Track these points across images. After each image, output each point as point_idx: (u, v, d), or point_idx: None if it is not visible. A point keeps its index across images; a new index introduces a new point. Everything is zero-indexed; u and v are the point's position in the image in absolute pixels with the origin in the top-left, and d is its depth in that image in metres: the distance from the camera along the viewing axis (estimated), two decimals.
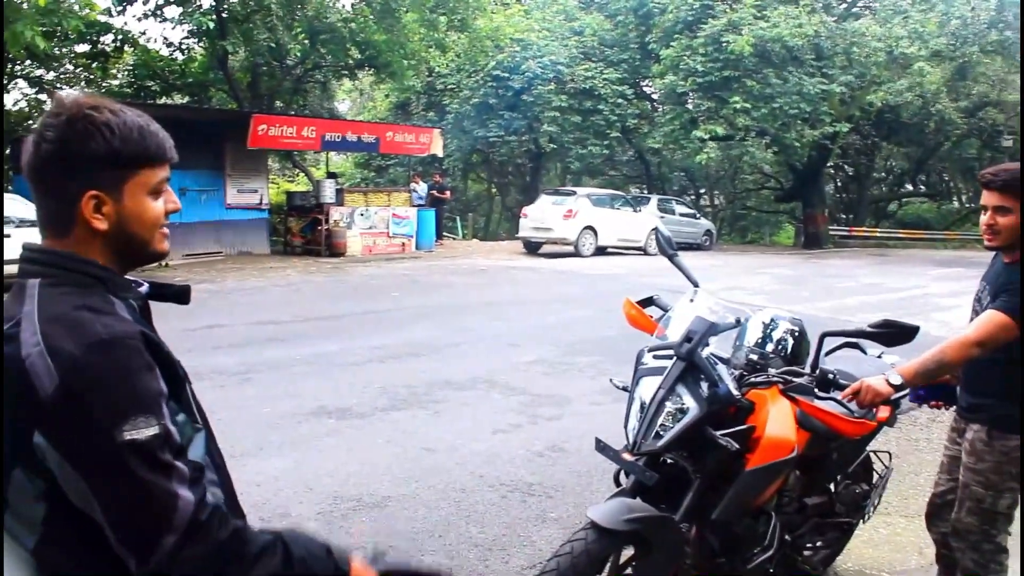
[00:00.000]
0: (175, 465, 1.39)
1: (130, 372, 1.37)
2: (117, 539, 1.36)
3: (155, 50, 25.73)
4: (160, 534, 1.35)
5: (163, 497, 1.36)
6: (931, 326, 10.72)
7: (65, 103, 1.46)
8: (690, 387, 2.91)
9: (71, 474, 1.34)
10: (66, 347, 1.34)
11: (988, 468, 3.28)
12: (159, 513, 1.35)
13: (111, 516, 1.35)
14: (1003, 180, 3.13)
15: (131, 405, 1.35)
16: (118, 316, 1.45)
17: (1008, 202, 3.12)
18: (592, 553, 2.73)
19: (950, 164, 43.88)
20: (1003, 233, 3.16)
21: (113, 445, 1.33)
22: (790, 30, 25.47)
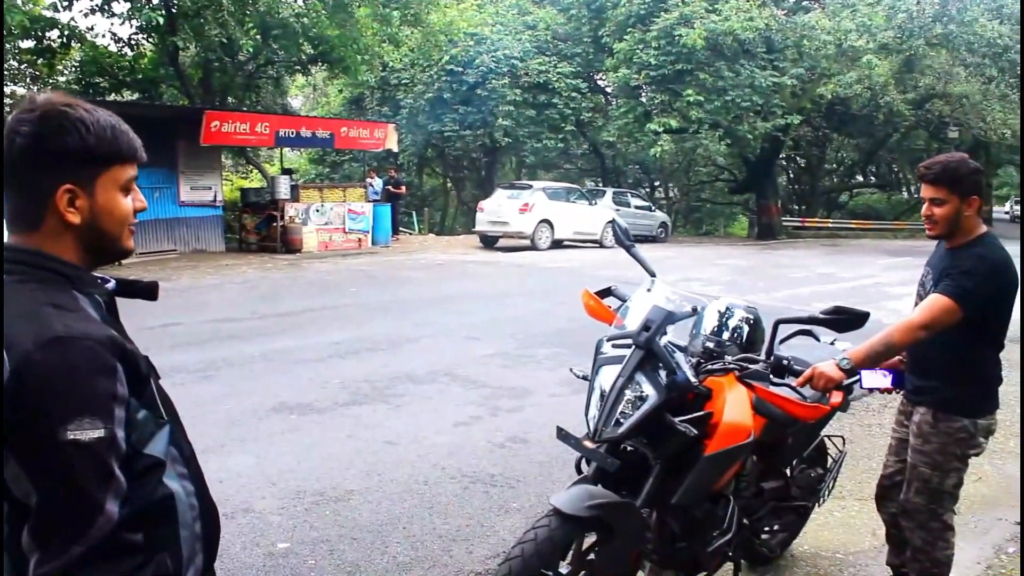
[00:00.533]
0: (114, 474, 1.40)
1: (81, 372, 1.38)
2: (31, 529, 1.36)
3: (103, 46, 25.29)
4: (71, 541, 1.35)
5: (88, 505, 1.36)
6: (882, 314, 10.94)
7: (38, 100, 1.48)
8: (649, 375, 2.96)
9: (14, 468, 1.36)
10: (22, 342, 1.36)
11: (934, 449, 3.42)
12: (78, 520, 1.36)
13: (38, 509, 1.36)
14: (935, 173, 3.31)
15: (78, 405, 1.36)
16: (82, 314, 1.47)
17: (942, 193, 3.30)
18: (555, 539, 2.78)
19: (899, 155, 44.63)
20: (940, 223, 3.34)
21: (55, 442, 1.34)
22: (741, 23, 25.72)
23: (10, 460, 1.36)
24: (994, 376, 3.46)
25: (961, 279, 3.22)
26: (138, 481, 1.46)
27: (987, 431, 3.44)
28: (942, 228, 3.36)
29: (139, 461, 1.48)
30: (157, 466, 1.53)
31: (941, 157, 3.45)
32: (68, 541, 1.35)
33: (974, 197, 3.33)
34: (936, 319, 3.20)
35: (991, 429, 3.47)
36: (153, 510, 1.50)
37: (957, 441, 3.40)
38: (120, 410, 1.42)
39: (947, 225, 3.34)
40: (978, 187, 3.37)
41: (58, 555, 1.35)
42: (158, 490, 1.52)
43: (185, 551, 1.58)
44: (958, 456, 3.43)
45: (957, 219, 3.32)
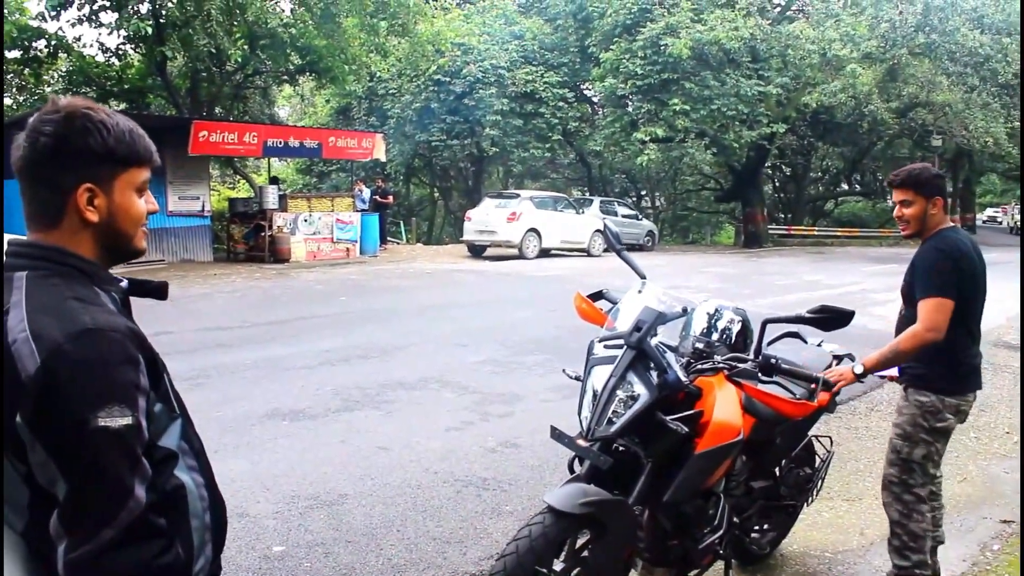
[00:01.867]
0: (141, 460, 1.45)
1: (110, 362, 1.43)
2: (60, 516, 1.40)
3: (91, 56, 25.32)
4: (103, 524, 1.39)
5: (119, 489, 1.41)
6: (867, 320, 11.04)
7: (60, 103, 1.54)
8: (640, 374, 3.02)
9: (42, 455, 1.40)
10: (51, 333, 1.41)
11: (905, 420, 3.81)
12: (109, 504, 1.40)
13: (68, 495, 1.40)
14: (902, 179, 3.79)
15: (108, 393, 1.41)
16: (105, 308, 1.53)
17: (909, 195, 3.76)
18: (549, 536, 2.83)
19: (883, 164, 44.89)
20: (911, 221, 3.79)
21: (86, 429, 1.38)
22: (727, 33, 25.90)
23: (36, 448, 1.40)
24: (963, 360, 3.79)
25: (930, 277, 3.62)
26: (153, 472, 1.51)
27: (955, 409, 3.75)
28: (913, 227, 3.79)
29: (154, 452, 1.54)
30: (170, 458, 1.58)
31: (908, 167, 3.93)
32: (100, 524, 1.39)
33: (937, 198, 3.77)
34: (935, 320, 3.54)
35: (960, 408, 3.77)
36: (166, 500, 1.55)
37: (925, 414, 3.73)
38: (143, 400, 1.48)
39: (917, 223, 3.77)
40: (940, 189, 3.82)
41: (89, 539, 1.38)
42: (170, 481, 1.57)
43: (196, 540, 1.62)
44: (926, 429, 3.73)
45: (924, 218, 3.76)
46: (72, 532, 1.40)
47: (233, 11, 21.00)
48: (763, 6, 29.84)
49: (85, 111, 1.53)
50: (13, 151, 1.55)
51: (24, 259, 1.54)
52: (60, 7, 21.22)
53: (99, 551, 1.39)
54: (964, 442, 6.31)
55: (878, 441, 6.37)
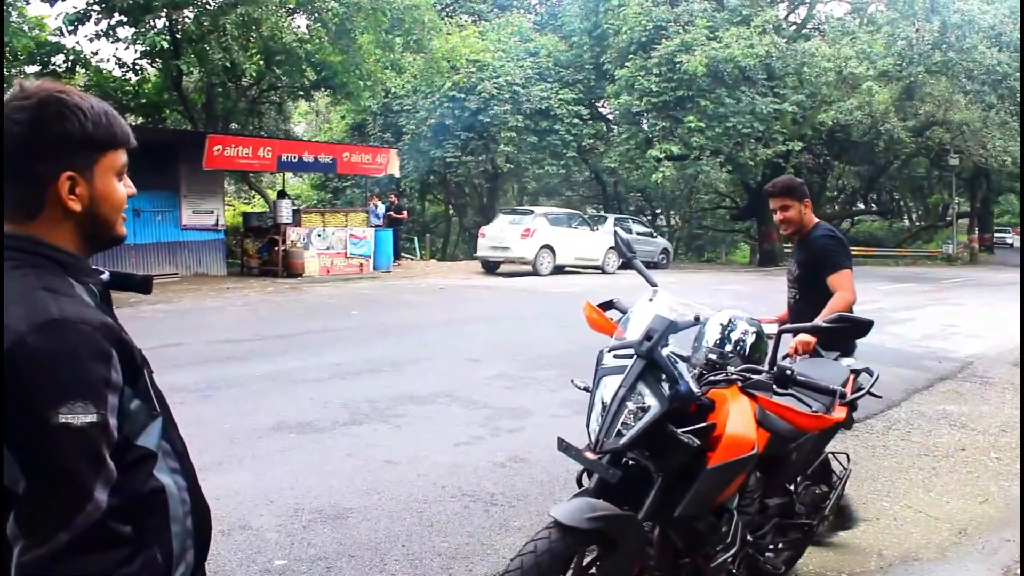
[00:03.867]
0: (105, 462, 1.37)
1: (75, 356, 1.35)
2: (16, 516, 1.33)
3: (108, 71, 25.47)
4: (58, 528, 1.32)
5: (77, 492, 1.33)
6: (885, 339, 10.93)
7: (30, 87, 1.46)
8: (651, 385, 2.92)
9: (5, 451, 1.33)
10: (15, 324, 1.34)
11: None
12: (66, 506, 1.32)
13: (25, 495, 1.33)
14: (779, 188, 4.63)
15: (71, 389, 1.33)
16: (77, 299, 1.45)
17: (788, 201, 4.57)
18: (555, 551, 2.72)
19: (900, 183, 44.82)
20: (792, 222, 4.61)
21: (46, 426, 1.31)
22: (742, 51, 25.88)
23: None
24: None
25: (836, 256, 4.51)
26: (128, 472, 1.43)
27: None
28: (794, 226, 4.62)
29: (130, 452, 1.46)
30: (148, 458, 1.50)
31: (778, 179, 4.84)
32: (55, 528, 1.31)
33: (807, 200, 4.64)
34: (851, 286, 4.45)
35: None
36: (143, 503, 1.47)
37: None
38: (113, 397, 1.39)
39: (797, 223, 4.61)
40: (807, 193, 4.69)
41: (43, 542, 1.31)
42: (148, 483, 1.49)
43: (176, 546, 1.54)
44: None
45: (801, 218, 4.60)
46: (27, 534, 1.32)
47: (248, 26, 21.11)
48: (779, 24, 29.87)
49: (58, 95, 1.45)
50: None
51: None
52: (78, 22, 21.39)
53: (53, 556, 1.31)
54: (985, 463, 6.19)
55: (895, 460, 6.26)
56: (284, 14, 22.70)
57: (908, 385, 8.72)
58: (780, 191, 4.59)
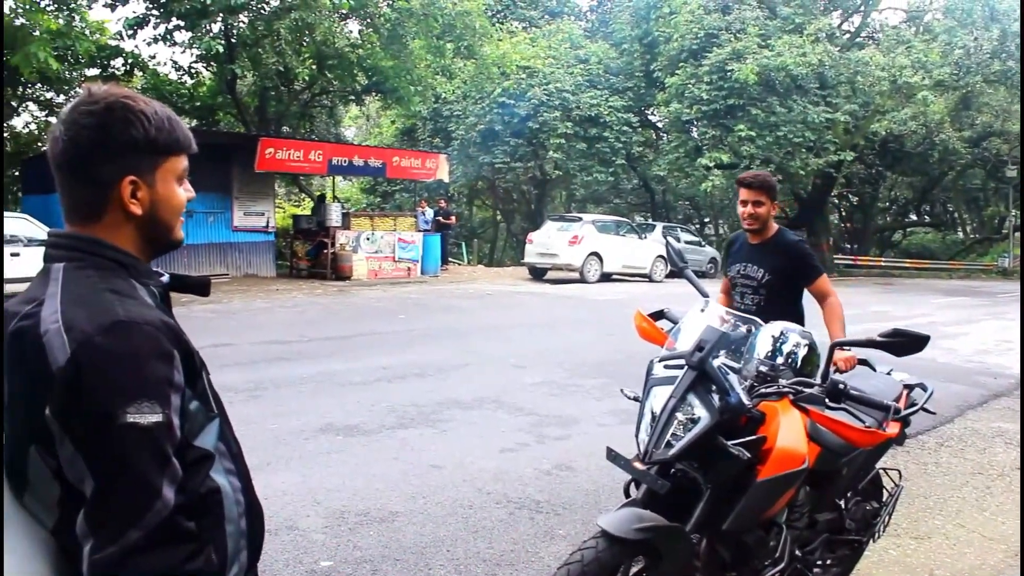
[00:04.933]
0: (171, 460, 1.39)
1: (141, 356, 1.38)
2: (87, 515, 1.35)
3: (164, 74, 25.92)
4: (128, 525, 1.33)
5: (146, 490, 1.35)
6: (937, 353, 10.74)
7: (98, 92, 1.49)
8: (701, 396, 2.89)
9: (70, 450, 1.35)
10: (82, 325, 1.36)
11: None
12: (135, 504, 1.34)
13: (94, 494, 1.34)
14: (760, 182, 4.47)
15: (138, 389, 1.36)
16: (140, 301, 1.48)
17: (763, 197, 4.43)
18: (602, 561, 2.71)
19: (954, 194, 44.04)
20: (761, 220, 4.48)
21: (113, 425, 1.33)
22: (794, 59, 25.63)
23: (65, 443, 1.35)
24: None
25: (813, 260, 4.58)
26: (187, 473, 1.44)
27: None
28: (761, 224, 4.50)
29: (189, 452, 1.48)
30: (206, 459, 1.52)
31: (756, 172, 4.69)
32: (125, 526, 1.33)
33: (776, 203, 4.55)
34: (832, 288, 4.61)
35: None
36: (200, 503, 1.49)
37: None
38: (176, 397, 1.42)
39: (764, 222, 4.51)
40: (777, 194, 4.60)
41: (114, 540, 1.33)
42: (206, 483, 1.51)
43: (230, 547, 1.56)
44: None
45: (768, 218, 4.52)
46: (97, 532, 1.34)
47: (302, 31, 21.37)
48: (832, 32, 29.53)
49: (125, 101, 1.48)
50: (50, 143, 1.50)
51: (62, 250, 1.50)
52: (137, 26, 21.81)
53: (124, 553, 1.33)
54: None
55: (948, 478, 6.14)
56: (337, 19, 22.97)
57: (962, 401, 8.55)
58: (761, 185, 4.47)
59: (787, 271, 4.50)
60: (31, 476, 1.43)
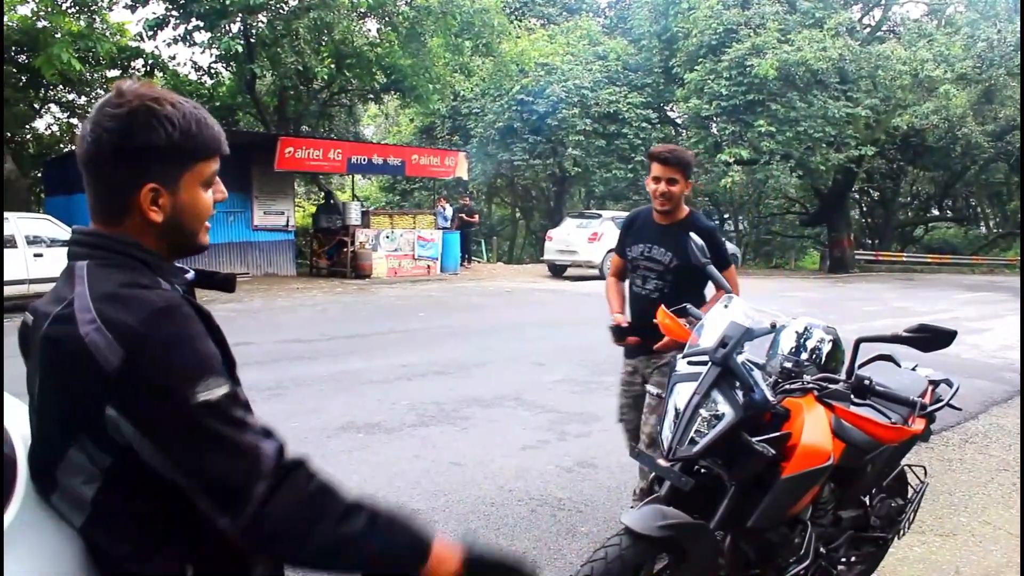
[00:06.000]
0: (248, 421, 1.41)
1: (192, 336, 1.39)
2: (207, 501, 1.38)
3: (184, 74, 26.07)
4: (250, 483, 1.36)
5: (246, 448, 1.38)
6: (961, 349, 10.65)
7: (126, 93, 1.46)
8: (725, 393, 2.87)
9: (147, 445, 1.35)
10: (125, 319, 1.35)
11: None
12: (245, 464, 1.37)
13: (196, 480, 1.37)
14: (676, 157, 4.13)
15: (199, 367, 1.37)
16: (169, 291, 1.48)
17: (678, 175, 4.13)
18: (626, 559, 2.70)
19: (977, 189, 43.67)
20: (674, 199, 4.18)
21: (188, 409, 1.34)
22: (814, 54, 25.45)
23: (144, 444, 1.36)
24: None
25: (726, 249, 4.33)
26: None
27: None
28: (674, 203, 4.20)
29: None
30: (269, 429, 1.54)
31: (674, 147, 4.30)
32: (247, 486, 1.37)
33: (690, 181, 4.28)
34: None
35: None
36: None
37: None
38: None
39: (678, 201, 4.21)
40: (692, 173, 4.34)
41: (246, 502, 1.36)
42: None
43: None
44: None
45: (681, 198, 4.22)
46: (227, 508, 1.37)
47: (321, 30, 21.43)
48: (852, 26, 29.32)
49: (150, 104, 1.45)
50: (78, 141, 1.49)
51: (86, 248, 1.50)
52: (157, 27, 21.96)
53: (260, 505, 1.36)
54: None
55: (973, 474, 6.09)
56: (355, 18, 23.02)
57: (986, 397, 8.48)
58: (677, 160, 4.12)
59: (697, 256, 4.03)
60: (62, 477, 1.44)
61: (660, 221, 4.27)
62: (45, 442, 1.46)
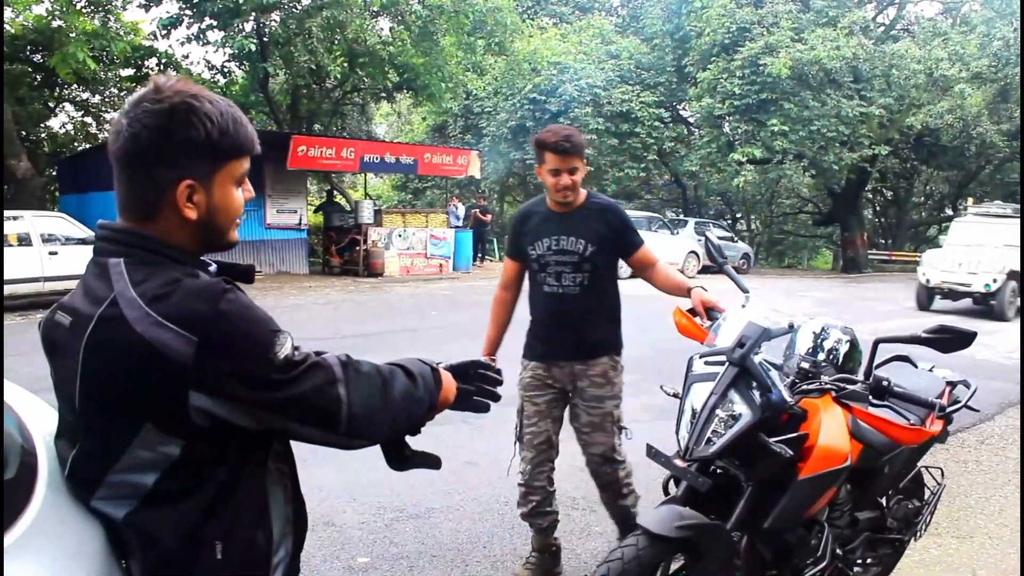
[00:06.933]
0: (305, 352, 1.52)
1: (251, 306, 1.46)
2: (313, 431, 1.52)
3: (197, 74, 26.15)
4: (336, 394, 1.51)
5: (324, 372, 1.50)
6: (976, 349, 10.55)
7: (164, 89, 1.47)
8: (743, 393, 2.86)
9: (243, 412, 1.44)
10: (182, 308, 1.38)
11: (619, 389, 4.04)
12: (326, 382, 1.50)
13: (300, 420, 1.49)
14: (574, 144, 3.67)
15: (269, 329, 1.45)
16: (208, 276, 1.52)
17: (579, 162, 3.71)
18: (642, 560, 2.69)
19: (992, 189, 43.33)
20: (577, 188, 3.77)
21: (273, 367, 1.43)
22: (828, 52, 25.35)
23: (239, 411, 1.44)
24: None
25: (633, 227, 4.01)
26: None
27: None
28: (576, 193, 3.78)
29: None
30: None
31: (562, 129, 3.77)
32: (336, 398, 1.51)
33: (585, 160, 3.82)
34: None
35: None
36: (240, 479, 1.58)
37: (621, 374, 4.06)
38: None
39: (577, 190, 3.77)
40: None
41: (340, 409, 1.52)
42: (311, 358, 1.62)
43: (276, 531, 1.62)
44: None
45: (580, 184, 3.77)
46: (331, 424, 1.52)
47: (333, 29, 21.46)
48: (866, 25, 29.20)
49: (189, 101, 1.47)
50: (112, 136, 1.49)
51: (119, 245, 1.50)
52: (171, 26, 22.05)
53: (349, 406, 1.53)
54: None
55: (990, 476, 6.06)
56: (368, 17, 23.04)
57: (1002, 399, 8.43)
58: (576, 147, 3.68)
59: (610, 240, 3.87)
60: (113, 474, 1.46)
61: (559, 209, 3.87)
62: (98, 451, 1.48)
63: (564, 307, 3.96)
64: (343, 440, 1.56)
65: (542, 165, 3.76)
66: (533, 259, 3.99)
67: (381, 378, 1.62)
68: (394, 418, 1.65)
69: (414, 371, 1.71)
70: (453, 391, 1.85)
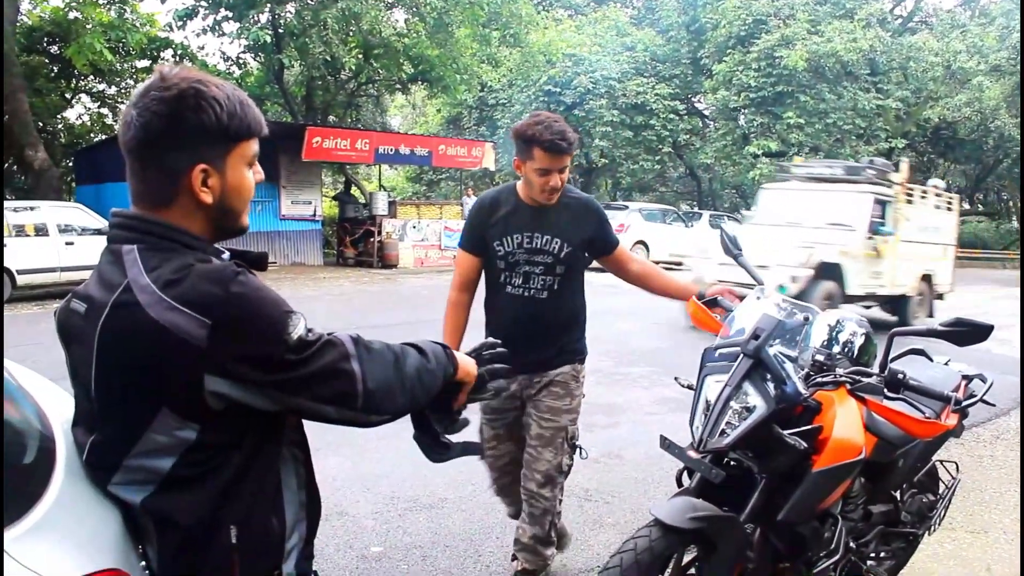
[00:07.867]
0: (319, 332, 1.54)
1: (263, 287, 1.47)
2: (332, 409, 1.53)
3: (213, 65, 26.20)
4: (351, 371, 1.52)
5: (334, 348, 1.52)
6: (992, 344, 10.48)
7: (170, 78, 1.48)
8: (757, 385, 2.84)
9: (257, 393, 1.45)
10: (207, 290, 1.40)
11: (578, 402, 3.71)
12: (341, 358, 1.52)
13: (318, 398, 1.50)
14: (571, 142, 3.34)
15: (282, 310, 1.46)
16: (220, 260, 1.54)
17: (569, 160, 3.38)
18: (655, 551, 2.69)
19: (1009, 182, 43.04)
20: (560, 188, 3.41)
21: (287, 347, 1.44)
22: (844, 45, 25.22)
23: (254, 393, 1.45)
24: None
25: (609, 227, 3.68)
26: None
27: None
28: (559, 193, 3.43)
29: None
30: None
31: (553, 123, 3.34)
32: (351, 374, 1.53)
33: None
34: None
35: None
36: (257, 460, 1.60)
37: (582, 385, 3.72)
38: None
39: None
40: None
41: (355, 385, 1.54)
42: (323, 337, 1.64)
43: (289, 516, 1.63)
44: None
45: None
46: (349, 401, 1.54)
47: (349, 20, 21.47)
48: (884, 17, 29.02)
49: (197, 86, 1.48)
50: (122, 128, 1.50)
51: (133, 232, 1.51)
52: (186, 18, 22.10)
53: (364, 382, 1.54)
54: None
55: (1004, 471, 6.03)
56: (383, 8, 23.04)
57: (1018, 394, 8.38)
58: (571, 146, 3.36)
59: (588, 241, 3.58)
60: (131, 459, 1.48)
61: (533, 203, 3.49)
62: (113, 427, 1.49)
63: (528, 312, 3.59)
64: (361, 417, 1.57)
65: (527, 161, 3.36)
66: (499, 256, 3.59)
67: (392, 354, 1.62)
68: (411, 391, 1.65)
69: (424, 347, 1.72)
70: (473, 367, 1.84)
